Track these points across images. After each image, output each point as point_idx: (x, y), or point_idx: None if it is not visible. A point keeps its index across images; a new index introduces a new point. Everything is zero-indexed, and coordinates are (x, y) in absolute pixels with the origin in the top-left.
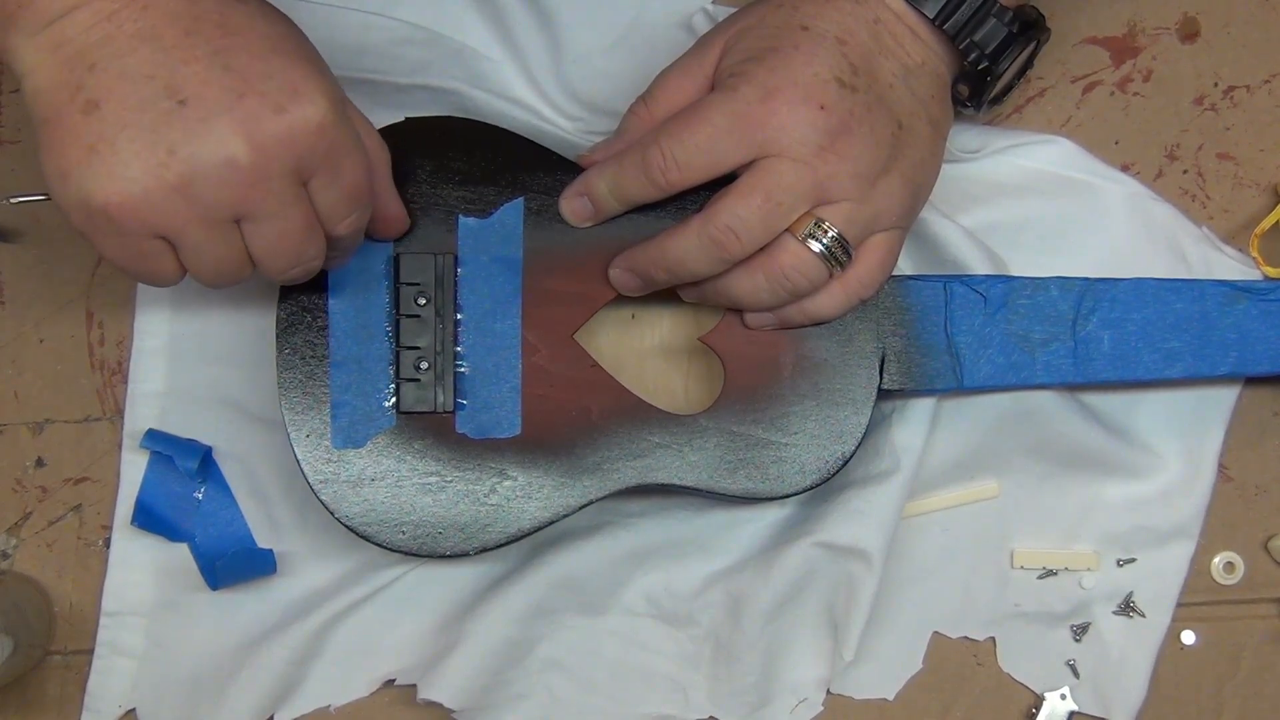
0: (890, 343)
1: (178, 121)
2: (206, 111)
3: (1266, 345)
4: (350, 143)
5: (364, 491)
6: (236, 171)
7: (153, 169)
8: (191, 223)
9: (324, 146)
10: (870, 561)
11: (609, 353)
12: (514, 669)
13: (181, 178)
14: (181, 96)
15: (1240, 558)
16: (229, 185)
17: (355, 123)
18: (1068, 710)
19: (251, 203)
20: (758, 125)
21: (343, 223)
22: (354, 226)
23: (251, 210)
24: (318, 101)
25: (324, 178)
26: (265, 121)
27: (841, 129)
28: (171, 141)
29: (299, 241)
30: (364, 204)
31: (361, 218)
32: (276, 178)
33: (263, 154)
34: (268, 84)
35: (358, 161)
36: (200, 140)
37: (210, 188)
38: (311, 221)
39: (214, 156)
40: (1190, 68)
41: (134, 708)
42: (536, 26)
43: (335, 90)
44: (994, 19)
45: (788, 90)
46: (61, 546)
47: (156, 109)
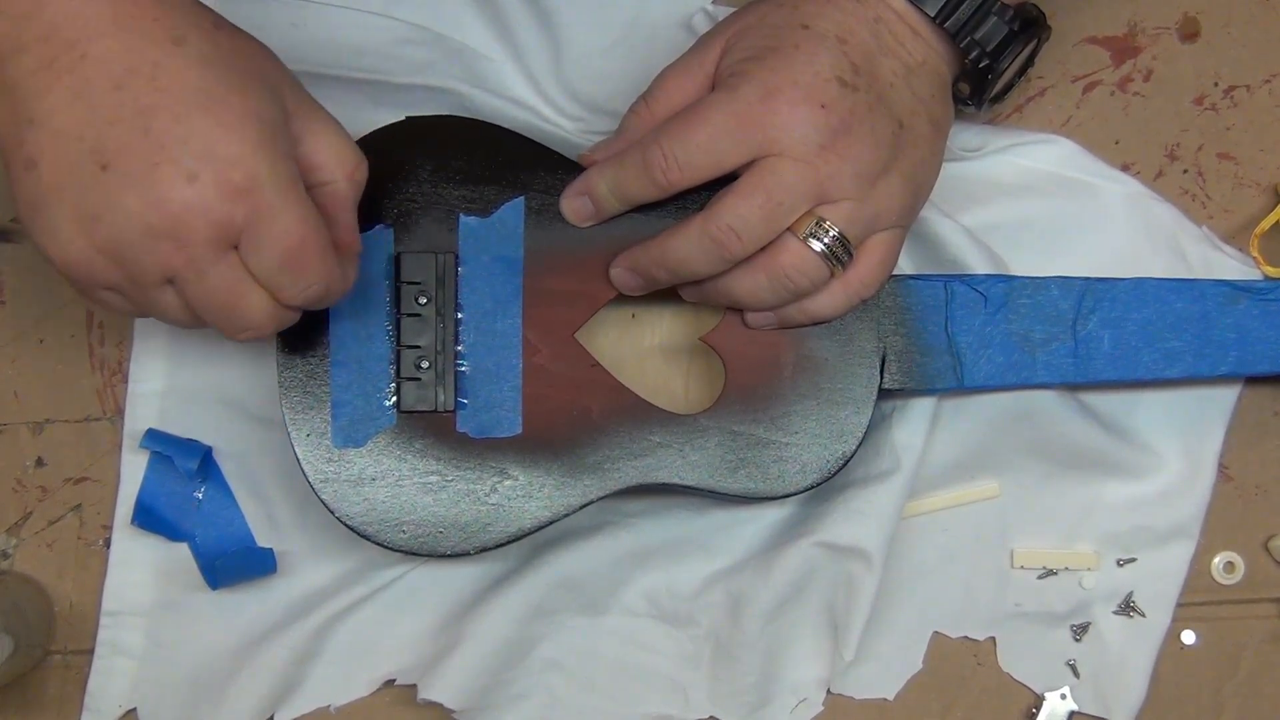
0: (891, 342)
1: (100, 188)
2: (124, 180)
3: (1266, 345)
4: (281, 204)
5: (364, 491)
6: (155, 240)
7: (82, 233)
8: (125, 282)
9: (243, 210)
10: (870, 561)
11: (609, 352)
12: (514, 669)
13: (107, 243)
14: (104, 161)
15: (1240, 558)
16: (150, 252)
17: (322, 153)
18: (1068, 710)
19: (175, 268)
20: (758, 125)
21: (284, 292)
22: (305, 297)
23: (177, 274)
24: (235, 167)
25: (249, 242)
26: (176, 191)
27: (842, 128)
28: (95, 208)
29: (227, 304)
30: (307, 274)
31: (309, 290)
32: (192, 245)
33: (176, 224)
34: (182, 149)
35: (289, 227)
36: (118, 210)
37: (134, 254)
38: (239, 286)
39: (132, 226)
40: (1190, 68)
41: (134, 708)
42: (536, 26)
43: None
44: (995, 17)
45: (788, 89)
46: (61, 546)
47: (83, 172)
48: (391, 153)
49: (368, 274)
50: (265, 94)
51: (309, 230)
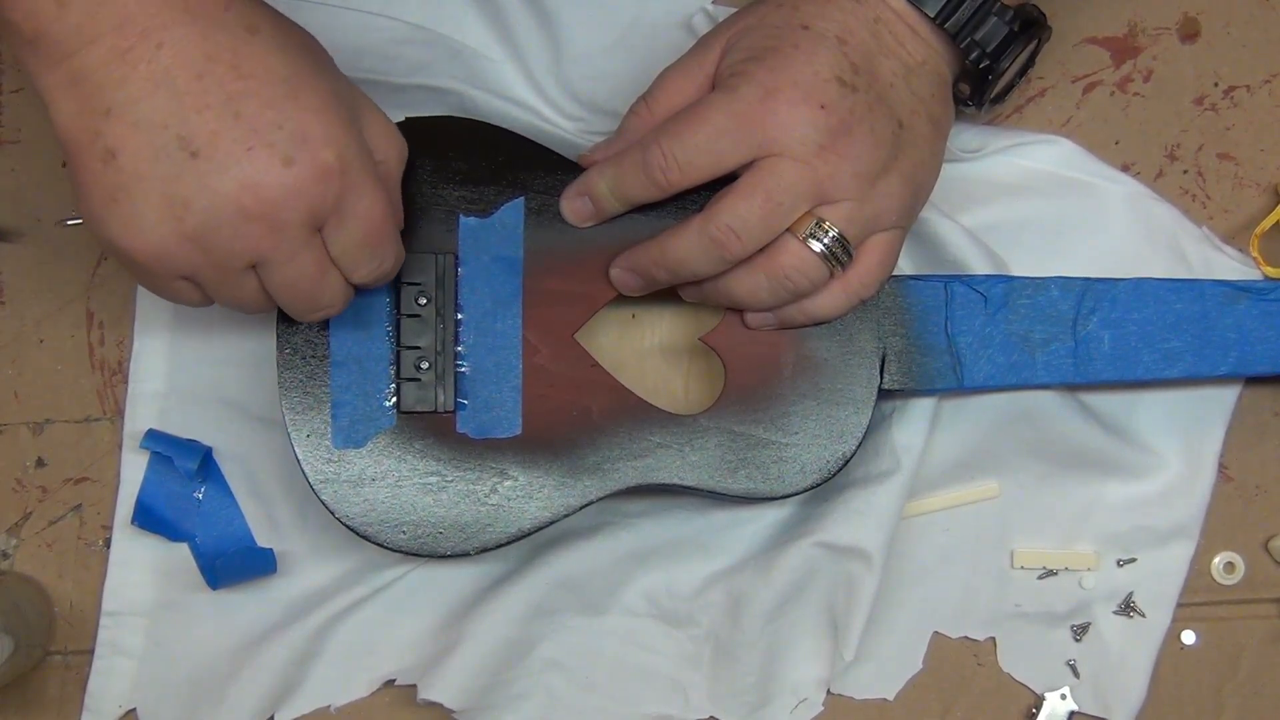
0: (891, 342)
1: (190, 174)
2: (217, 165)
3: (1266, 345)
4: (363, 186)
5: (364, 491)
6: (248, 224)
7: (168, 221)
8: (208, 268)
9: (333, 194)
10: (870, 561)
11: (609, 353)
12: (514, 669)
13: (196, 230)
14: (194, 148)
15: (1240, 558)
16: (241, 237)
17: (375, 133)
18: (1068, 710)
19: (264, 251)
20: (758, 125)
21: (360, 269)
22: (375, 275)
23: (265, 257)
24: (327, 148)
25: (335, 224)
26: (273, 174)
27: (842, 128)
28: (185, 195)
29: (312, 286)
30: (383, 250)
31: (382, 266)
32: (289, 227)
33: (272, 207)
34: (276, 134)
35: (372, 205)
36: (212, 195)
37: (224, 239)
38: (323, 267)
39: (226, 210)
40: (1190, 68)
41: (134, 708)
42: (536, 26)
43: (348, 126)
44: (995, 17)
45: (788, 90)
46: (61, 546)
47: (170, 160)
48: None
49: None
50: (337, 78)
51: (387, 207)
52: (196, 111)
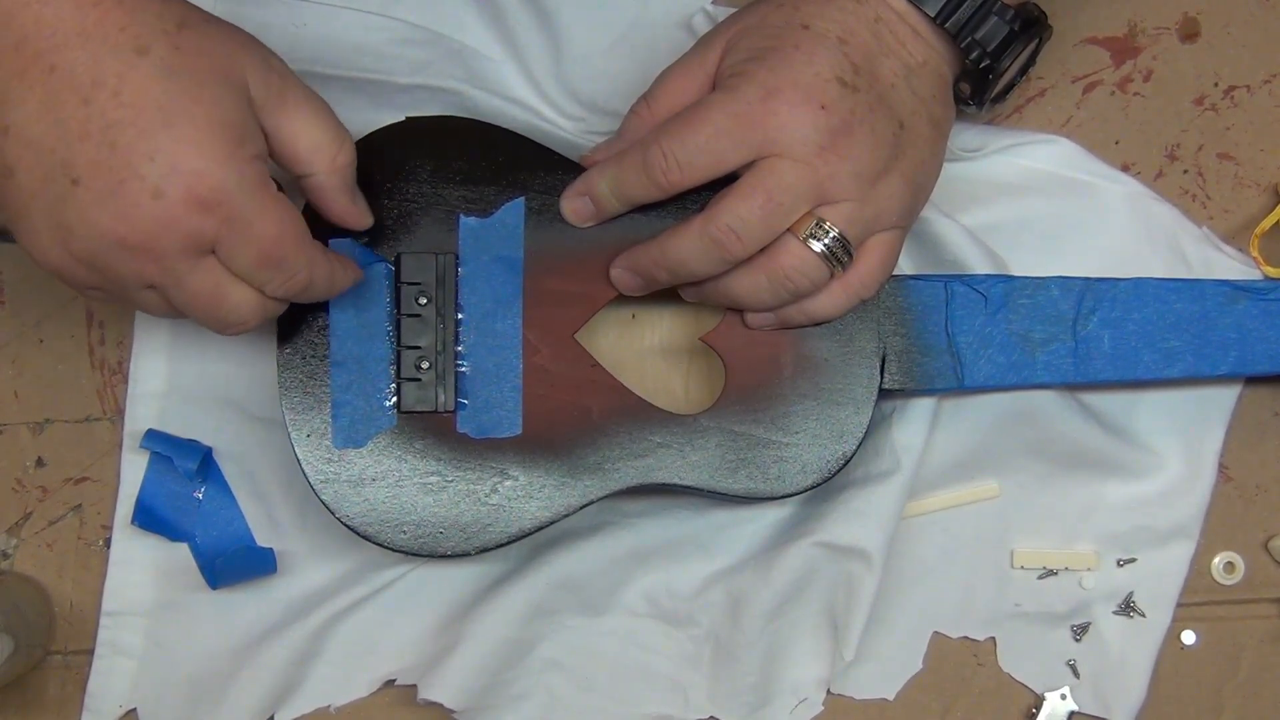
0: (891, 342)
1: (72, 203)
2: (93, 196)
3: (1266, 345)
4: (251, 210)
5: (365, 491)
6: (128, 252)
7: (60, 243)
8: (107, 285)
9: (213, 221)
10: (870, 561)
11: (609, 353)
12: (514, 669)
13: (83, 254)
14: (74, 175)
15: (1240, 558)
16: (125, 264)
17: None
18: (1068, 710)
19: (150, 277)
20: (758, 125)
21: (269, 286)
22: (289, 289)
23: (155, 281)
24: (200, 179)
25: (226, 249)
26: (143, 208)
27: (843, 128)
28: (69, 222)
29: (211, 305)
30: (288, 266)
31: (293, 281)
32: (168, 257)
33: (147, 238)
34: (148, 166)
35: (265, 227)
36: (89, 225)
37: (110, 265)
38: (221, 288)
39: (104, 240)
40: (1190, 68)
41: (134, 708)
42: (536, 26)
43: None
44: (995, 17)
45: (788, 90)
46: (61, 546)
47: (56, 185)
48: (391, 153)
49: (368, 274)
50: (230, 98)
51: (284, 227)
52: (79, 139)
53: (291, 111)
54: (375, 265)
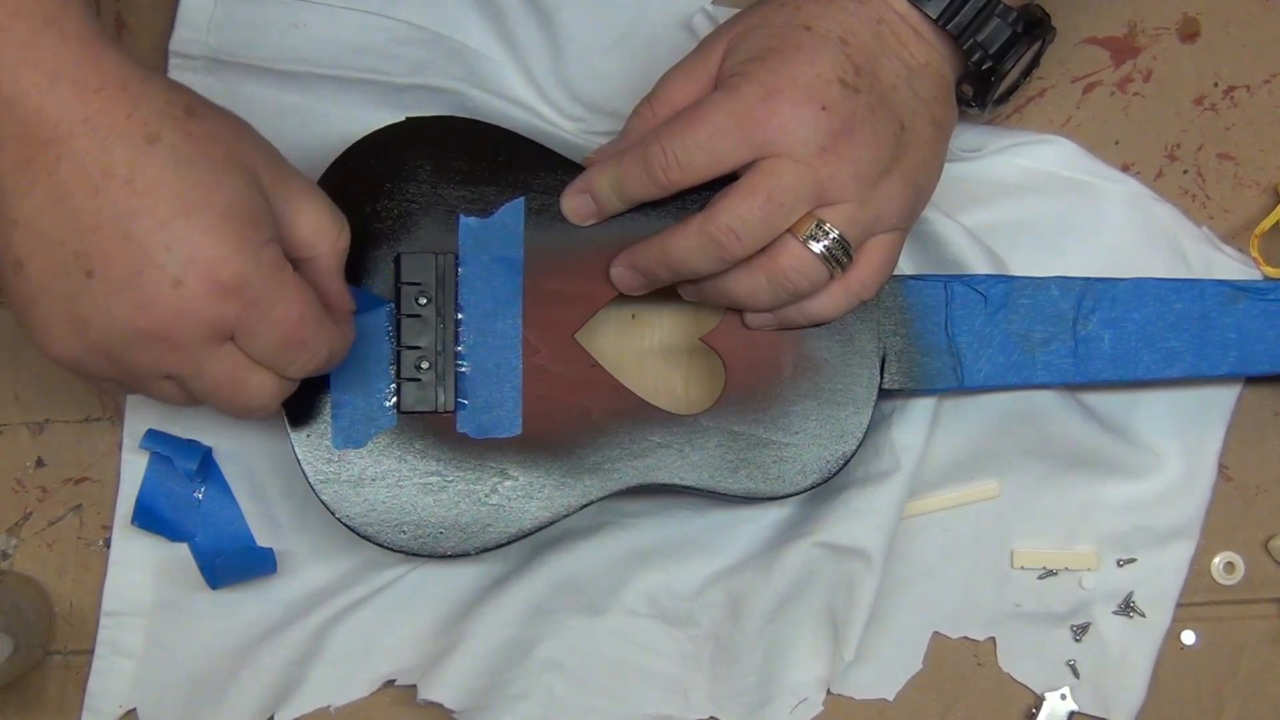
0: (891, 342)
1: (87, 295)
2: (110, 287)
3: (1266, 345)
4: (272, 294)
5: (364, 491)
6: (148, 343)
7: (75, 334)
8: (124, 377)
9: (234, 307)
10: (870, 561)
11: (609, 353)
12: (514, 669)
13: (100, 345)
14: (89, 267)
15: (1240, 558)
16: (144, 355)
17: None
18: (1068, 710)
19: (169, 367)
20: (759, 125)
21: (290, 368)
22: (309, 368)
23: (175, 371)
24: (220, 266)
25: (246, 335)
26: (163, 297)
27: (843, 130)
28: (84, 313)
29: (232, 393)
30: (311, 347)
31: (314, 360)
32: (188, 345)
33: (167, 328)
34: (166, 255)
35: (286, 310)
36: (107, 316)
37: (128, 356)
38: (241, 374)
39: (122, 331)
40: (1190, 68)
41: (134, 708)
42: (536, 26)
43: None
44: (997, 19)
45: (789, 90)
46: (61, 546)
47: (70, 277)
48: (391, 153)
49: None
50: (243, 182)
51: (304, 308)
52: (91, 230)
53: (295, 196)
54: (379, 310)
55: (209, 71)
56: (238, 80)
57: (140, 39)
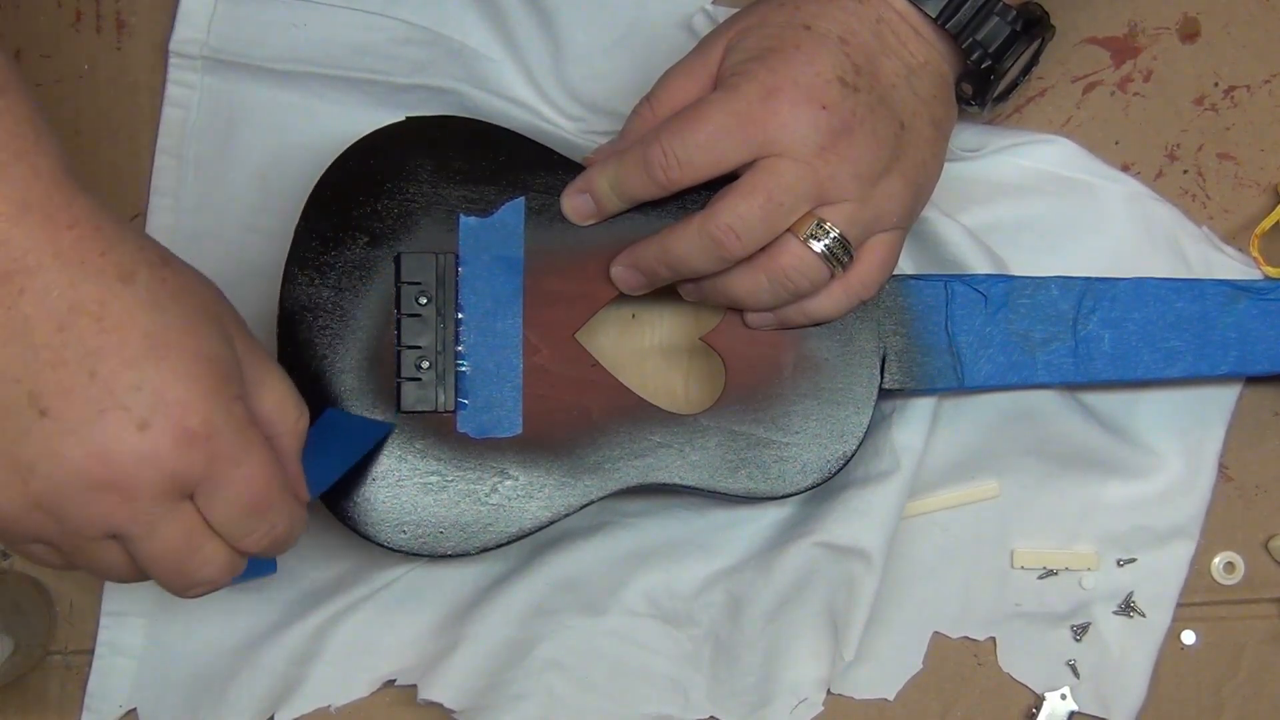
0: (891, 342)
1: (37, 436)
2: (66, 427)
3: (1266, 345)
4: (240, 451)
5: (364, 491)
6: (98, 493)
7: (15, 484)
8: (61, 536)
9: (200, 459)
10: (870, 561)
11: (609, 352)
12: (514, 669)
13: (43, 496)
14: (43, 405)
15: (1240, 558)
16: (92, 507)
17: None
18: (1068, 710)
19: (119, 523)
20: (759, 124)
21: (248, 539)
22: (266, 543)
23: (122, 530)
24: (190, 412)
25: (208, 493)
26: (126, 440)
27: (843, 129)
28: (31, 458)
29: (181, 560)
30: (272, 517)
31: (273, 533)
32: (144, 498)
33: (124, 476)
34: (133, 396)
35: (253, 471)
36: (58, 460)
37: (74, 508)
38: (196, 539)
39: (73, 479)
40: (1190, 68)
41: (134, 708)
42: (536, 26)
43: (220, 391)
44: (997, 18)
45: (789, 90)
46: None
47: (18, 418)
48: (391, 153)
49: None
50: (216, 334)
51: (271, 471)
52: (51, 367)
53: (261, 368)
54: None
55: (209, 71)
56: (238, 80)
57: (140, 39)
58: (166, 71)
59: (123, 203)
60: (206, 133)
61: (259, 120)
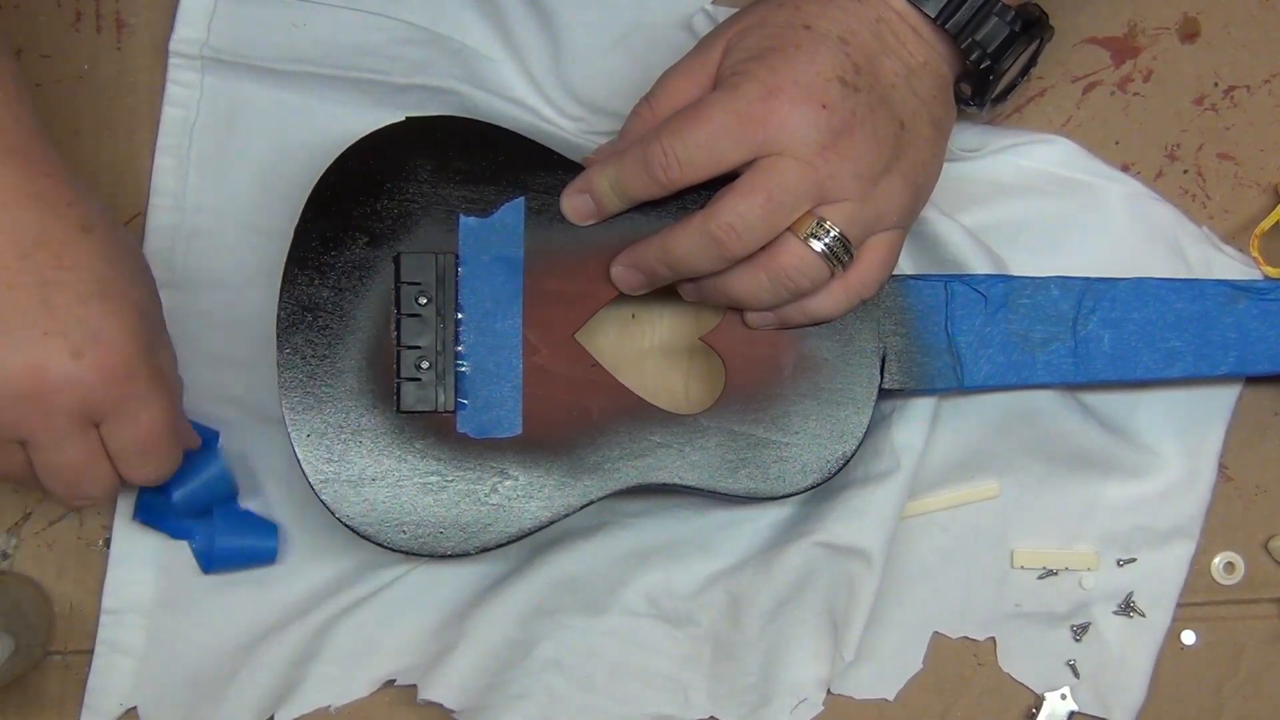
0: (891, 342)
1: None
2: (11, 341)
3: (1266, 345)
4: (150, 396)
5: (364, 491)
6: (19, 402)
7: None
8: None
9: (115, 395)
10: (870, 561)
11: (609, 353)
12: (514, 669)
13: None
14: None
15: (1240, 558)
16: (13, 410)
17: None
18: (1068, 710)
19: (30, 430)
20: (759, 124)
21: (135, 471)
22: (148, 478)
23: (31, 437)
24: (118, 353)
25: (114, 424)
26: (59, 363)
27: (844, 128)
28: None
29: (75, 476)
30: (159, 458)
31: (157, 472)
32: (58, 414)
33: (48, 392)
34: (75, 327)
35: (157, 415)
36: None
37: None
38: (93, 461)
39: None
40: (1190, 68)
41: (134, 706)
42: (536, 26)
43: (146, 340)
44: (996, 18)
45: (790, 89)
46: (61, 546)
47: None
48: (391, 153)
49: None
50: (149, 293)
51: (170, 422)
52: (8, 288)
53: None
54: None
55: (209, 71)
56: (238, 80)
57: (140, 39)
58: (166, 71)
59: (123, 203)
60: (207, 133)
61: (259, 120)
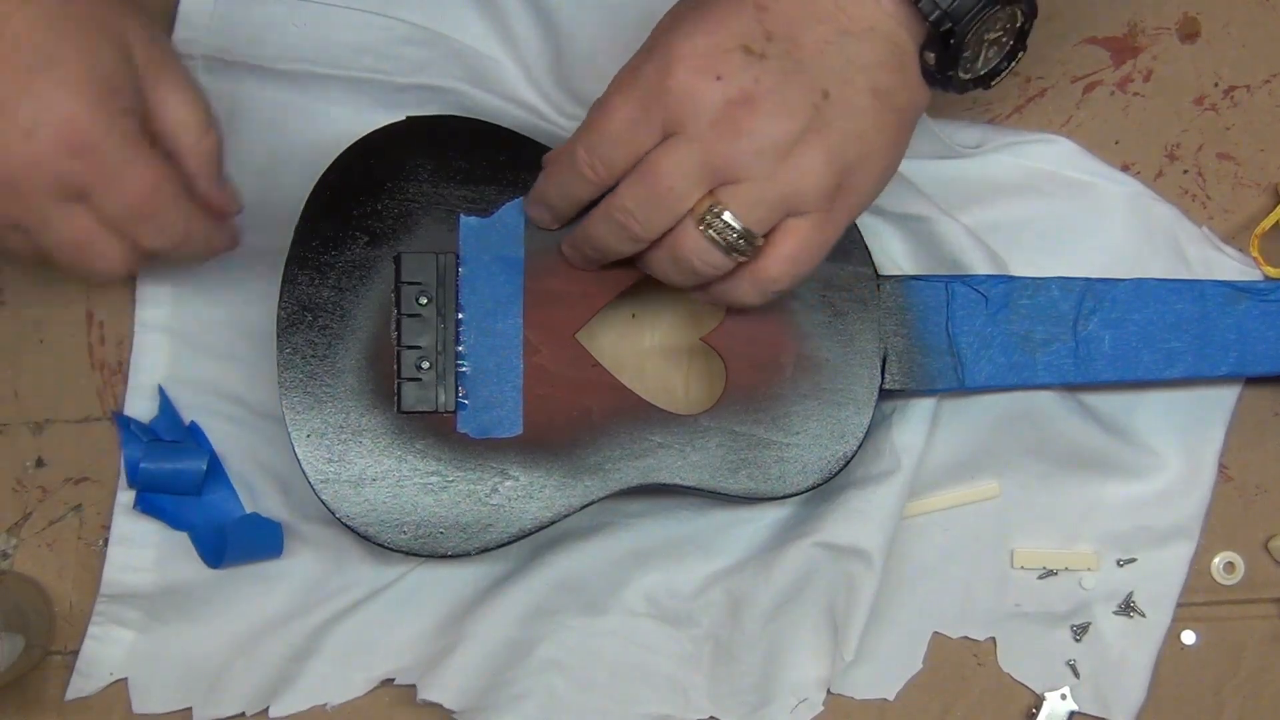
0: (892, 342)
1: None
2: None
3: (1266, 345)
4: (123, 161)
5: (365, 491)
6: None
7: None
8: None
9: (82, 168)
10: (870, 561)
11: (610, 352)
12: (514, 669)
13: None
14: None
15: (1240, 558)
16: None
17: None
18: (1068, 710)
19: (18, 216)
20: (660, 103)
21: (144, 239)
22: (166, 243)
23: (21, 222)
24: (71, 124)
25: (99, 195)
26: (13, 146)
27: (741, 99)
28: None
29: (77, 252)
30: (164, 221)
31: (170, 236)
32: (33, 197)
33: (15, 177)
34: (22, 106)
35: (137, 179)
36: None
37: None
38: (92, 234)
39: None
40: (1190, 68)
41: (125, 677)
42: (536, 26)
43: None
44: None
45: (685, 60)
46: (61, 546)
47: None
48: (391, 153)
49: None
50: (109, 51)
51: (157, 182)
52: None
53: (166, 85)
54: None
55: (209, 71)
56: (238, 80)
57: None
58: None
59: None
60: None
61: (259, 120)
